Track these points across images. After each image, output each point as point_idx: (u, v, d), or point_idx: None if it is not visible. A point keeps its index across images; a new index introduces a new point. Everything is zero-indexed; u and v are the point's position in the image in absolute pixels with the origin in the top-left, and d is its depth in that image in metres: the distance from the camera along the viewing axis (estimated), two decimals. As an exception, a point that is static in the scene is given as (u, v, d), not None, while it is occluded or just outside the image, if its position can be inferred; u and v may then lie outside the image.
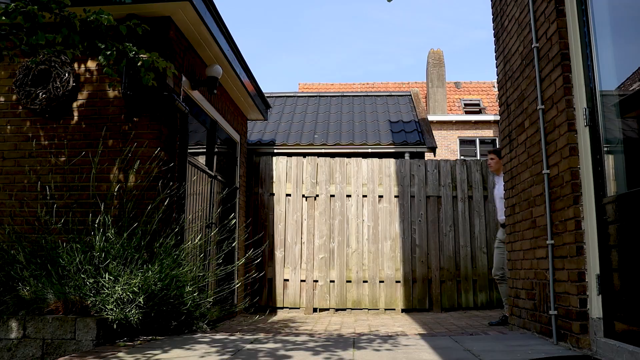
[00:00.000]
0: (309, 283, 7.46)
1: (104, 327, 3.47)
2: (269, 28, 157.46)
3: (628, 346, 2.52)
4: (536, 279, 3.69)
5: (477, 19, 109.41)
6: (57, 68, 4.64)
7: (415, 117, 9.69)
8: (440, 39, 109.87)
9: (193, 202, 5.43)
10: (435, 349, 3.17)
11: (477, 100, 21.66)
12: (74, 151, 4.60)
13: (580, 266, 3.00)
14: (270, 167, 7.79)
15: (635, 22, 2.76)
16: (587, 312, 2.97)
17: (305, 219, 7.63)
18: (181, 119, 4.88)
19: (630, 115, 2.84)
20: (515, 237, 4.20)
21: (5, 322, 3.48)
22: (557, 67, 3.29)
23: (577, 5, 3.19)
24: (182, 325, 4.03)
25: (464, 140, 19.35)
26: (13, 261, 3.89)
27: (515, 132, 4.21)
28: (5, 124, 4.77)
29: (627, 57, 2.87)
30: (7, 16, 3.19)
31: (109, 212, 4.04)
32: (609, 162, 3.00)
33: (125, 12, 4.50)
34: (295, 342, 3.47)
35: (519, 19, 4.06)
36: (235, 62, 6.08)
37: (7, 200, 4.61)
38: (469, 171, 7.72)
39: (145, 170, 4.44)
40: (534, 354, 2.88)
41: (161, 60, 3.69)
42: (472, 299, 7.41)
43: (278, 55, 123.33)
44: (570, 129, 3.15)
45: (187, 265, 4.12)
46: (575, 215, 3.06)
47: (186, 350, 3.17)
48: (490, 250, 7.53)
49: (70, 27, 3.38)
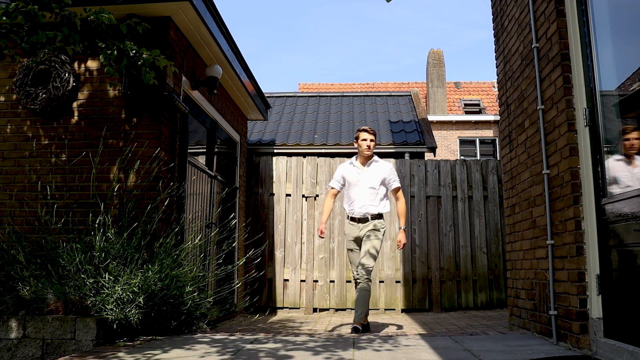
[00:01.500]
0: (308, 283, 7.46)
1: (104, 327, 3.47)
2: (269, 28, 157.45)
3: (628, 346, 2.52)
4: (536, 279, 3.69)
5: (478, 19, 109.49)
6: (57, 68, 4.64)
7: (415, 117, 9.69)
8: (441, 39, 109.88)
9: (193, 202, 5.43)
10: (435, 349, 3.17)
11: (477, 100, 21.67)
12: (74, 151, 4.60)
13: (580, 266, 3.00)
14: (270, 167, 7.79)
15: (635, 22, 2.76)
16: (587, 312, 2.97)
17: (305, 219, 7.63)
18: (181, 119, 4.88)
19: (630, 115, 2.84)
20: (515, 237, 4.20)
21: (5, 322, 3.48)
22: (557, 67, 3.29)
23: (577, 5, 3.19)
24: (182, 325, 4.03)
25: (464, 141, 19.36)
26: (13, 261, 3.89)
27: (515, 132, 4.21)
28: (5, 124, 4.77)
29: (627, 57, 2.88)
30: (7, 16, 3.19)
31: (109, 212, 4.04)
32: (609, 162, 3.00)
33: (125, 12, 4.51)
34: (295, 342, 3.47)
35: (519, 19, 4.06)
36: (235, 62, 6.08)
37: (7, 200, 4.60)
38: (469, 171, 7.72)
39: (146, 170, 4.44)
40: (534, 354, 2.89)
41: (162, 59, 3.69)
42: (472, 299, 7.41)
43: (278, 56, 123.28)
44: (570, 129, 3.15)
45: (187, 265, 4.12)
46: (575, 215, 3.06)
47: (186, 350, 3.17)
48: (491, 250, 7.53)
49: (70, 26, 3.38)
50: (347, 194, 4.83)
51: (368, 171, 4.80)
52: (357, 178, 4.77)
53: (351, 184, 4.79)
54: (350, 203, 4.77)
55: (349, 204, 4.81)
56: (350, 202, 4.77)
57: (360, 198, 4.72)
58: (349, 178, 4.82)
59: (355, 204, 4.73)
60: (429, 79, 20.93)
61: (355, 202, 4.73)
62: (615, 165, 2.92)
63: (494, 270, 7.48)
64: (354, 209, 4.74)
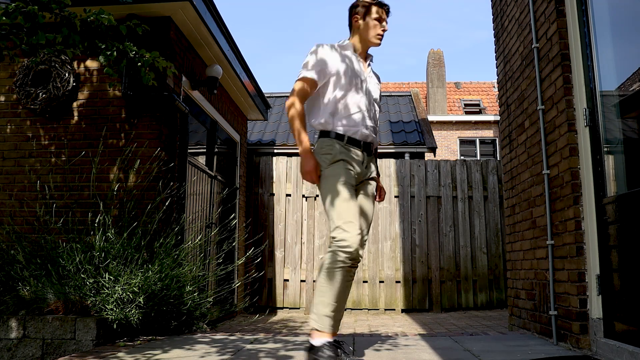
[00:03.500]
0: (309, 283, 7.45)
1: (104, 327, 3.47)
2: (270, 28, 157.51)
3: (628, 346, 2.52)
4: (536, 279, 3.69)
5: (479, 19, 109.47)
6: (57, 68, 4.64)
7: (416, 117, 9.69)
8: (442, 39, 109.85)
9: (193, 202, 5.43)
10: (435, 349, 3.17)
11: (477, 100, 21.67)
12: (74, 151, 4.61)
13: (580, 266, 3.00)
14: (270, 167, 7.79)
15: (635, 22, 2.76)
16: (587, 312, 2.97)
17: (305, 219, 7.63)
18: (181, 119, 4.88)
19: (630, 115, 2.84)
20: (515, 237, 4.20)
21: (5, 321, 3.48)
22: (557, 67, 3.29)
23: (577, 6, 3.19)
24: (182, 325, 4.03)
25: (464, 141, 19.36)
26: (13, 261, 3.89)
27: (515, 133, 4.21)
28: (5, 124, 4.77)
29: (627, 57, 2.87)
30: (7, 16, 3.19)
31: (109, 212, 4.04)
32: (609, 162, 3.00)
33: (125, 12, 4.51)
34: (295, 342, 3.47)
35: (519, 19, 4.06)
36: (236, 62, 6.08)
37: (7, 200, 4.61)
38: (469, 171, 7.72)
39: (146, 170, 4.45)
40: (534, 354, 2.88)
41: (162, 60, 3.69)
42: (472, 299, 7.41)
43: (280, 55, 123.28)
44: (571, 129, 3.15)
45: (187, 265, 4.12)
46: (575, 215, 3.06)
47: (186, 350, 3.17)
48: (491, 250, 7.53)
49: (70, 27, 3.38)
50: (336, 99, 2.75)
51: (371, 74, 2.93)
52: (361, 77, 2.82)
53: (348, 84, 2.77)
54: (348, 116, 2.74)
55: (343, 117, 2.75)
56: (348, 113, 2.75)
57: (367, 110, 2.81)
58: (343, 71, 2.76)
59: (359, 118, 2.76)
60: (429, 79, 20.92)
61: (358, 114, 2.76)
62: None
63: (494, 270, 7.48)
64: (358, 124, 2.75)
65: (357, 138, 2.75)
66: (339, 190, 2.61)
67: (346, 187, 2.63)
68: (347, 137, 2.73)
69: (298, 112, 2.68)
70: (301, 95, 2.70)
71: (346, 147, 2.72)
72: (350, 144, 2.73)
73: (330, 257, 2.55)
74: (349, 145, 2.72)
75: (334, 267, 2.53)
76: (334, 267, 2.54)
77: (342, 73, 2.76)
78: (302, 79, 2.71)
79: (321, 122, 2.77)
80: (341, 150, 2.70)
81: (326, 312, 2.55)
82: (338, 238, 2.52)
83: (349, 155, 2.71)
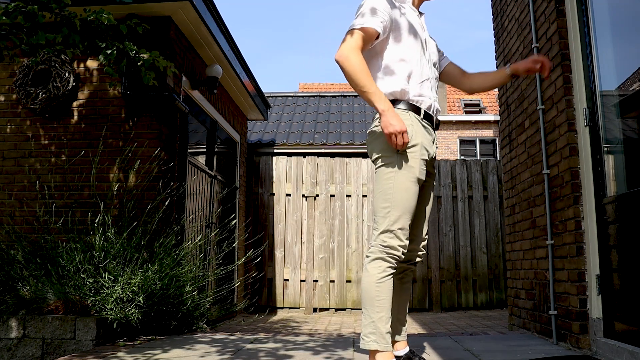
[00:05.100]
0: (308, 283, 7.45)
1: (104, 327, 3.47)
2: (270, 28, 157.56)
3: (628, 346, 2.52)
4: (536, 279, 3.69)
5: (479, 19, 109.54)
6: (57, 68, 4.64)
7: (415, 117, 9.69)
8: (442, 39, 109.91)
9: (193, 202, 5.43)
10: (435, 349, 3.17)
11: (477, 100, 21.66)
12: (74, 151, 4.61)
13: (580, 266, 3.00)
14: (270, 167, 7.79)
15: (635, 22, 2.75)
16: (587, 312, 2.97)
17: (305, 218, 7.63)
18: (181, 119, 4.88)
19: (630, 115, 2.84)
20: (515, 237, 4.20)
21: (5, 321, 3.48)
22: (557, 67, 3.29)
23: (577, 5, 3.19)
24: (182, 325, 4.03)
25: (464, 140, 19.35)
26: (13, 261, 3.89)
27: (515, 132, 4.21)
28: (5, 123, 4.77)
29: (627, 57, 2.87)
30: (7, 16, 3.19)
31: (108, 212, 4.04)
32: (609, 162, 3.00)
33: (125, 12, 4.51)
34: (295, 342, 3.47)
35: (519, 19, 4.06)
36: (235, 62, 6.08)
37: (7, 200, 4.60)
38: (469, 171, 7.72)
39: (146, 170, 4.44)
40: (534, 354, 2.88)
41: (162, 60, 3.69)
42: (472, 299, 7.41)
43: (281, 55, 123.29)
44: (570, 129, 3.15)
45: (187, 265, 4.12)
46: (575, 215, 3.06)
47: (186, 350, 3.17)
48: (491, 250, 7.53)
49: (70, 26, 3.38)
50: (399, 58, 2.24)
51: (426, 30, 2.43)
52: (422, 34, 2.34)
53: (414, 43, 2.28)
54: (420, 83, 2.26)
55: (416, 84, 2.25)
56: (419, 80, 2.26)
57: (435, 78, 2.38)
58: (407, 26, 2.28)
59: (428, 87, 2.29)
60: (429, 78, 20.91)
61: (427, 82, 2.29)
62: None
63: (494, 270, 7.48)
64: (430, 95, 2.28)
65: (431, 113, 2.25)
66: (407, 189, 2.16)
67: (416, 186, 2.19)
68: (423, 112, 2.21)
69: (360, 64, 2.10)
70: (356, 47, 2.14)
71: (424, 125, 2.21)
72: (427, 120, 2.23)
73: (378, 265, 2.17)
74: (425, 122, 2.22)
75: (384, 276, 2.16)
76: (384, 275, 2.16)
77: (407, 29, 2.26)
78: (361, 29, 2.16)
79: (391, 86, 2.19)
80: (418, 129, 2.18)
81: (387, 329, 2.14)
82: (387, 244, 2.16)
83: (426, 137, 2.21)
